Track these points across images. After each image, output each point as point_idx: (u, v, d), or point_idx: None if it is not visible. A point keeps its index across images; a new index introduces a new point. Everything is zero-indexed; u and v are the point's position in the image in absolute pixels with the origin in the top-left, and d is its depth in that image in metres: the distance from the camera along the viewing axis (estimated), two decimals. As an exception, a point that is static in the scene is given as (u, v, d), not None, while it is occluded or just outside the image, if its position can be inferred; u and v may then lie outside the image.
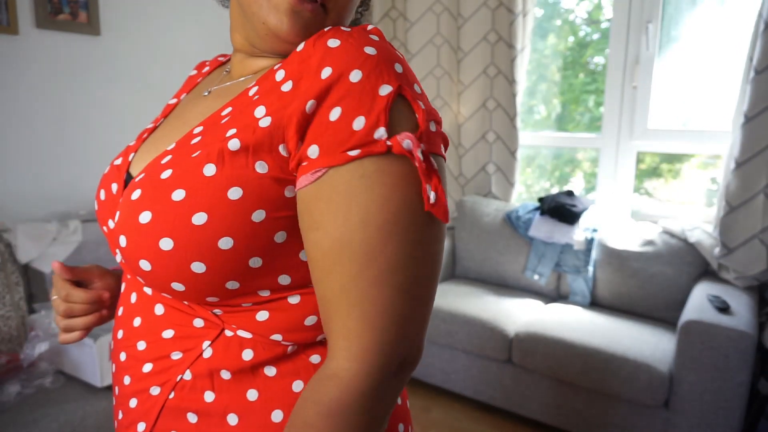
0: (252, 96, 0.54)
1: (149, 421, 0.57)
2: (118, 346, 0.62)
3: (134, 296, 0.60)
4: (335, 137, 0.47)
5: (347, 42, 0.49)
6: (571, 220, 2.44)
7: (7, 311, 1.79)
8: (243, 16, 0.58)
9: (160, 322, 0.57)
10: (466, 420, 2.30)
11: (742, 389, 1.74)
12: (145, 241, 0.50)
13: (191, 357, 0.55)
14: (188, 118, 0.62)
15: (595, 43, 2.71)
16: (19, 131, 2.04)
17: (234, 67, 0.63)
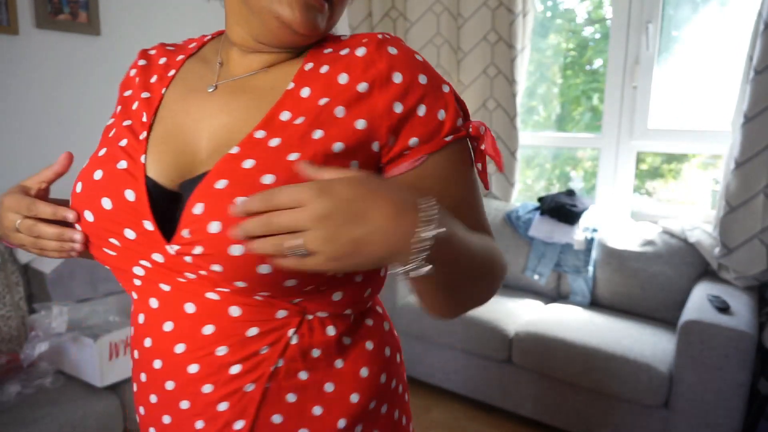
0: (312, 98, 0.58)
1: (249, 416, 0.59)
2: (176, 363, 0.59)
3: (191, 306, 0.58)
4: (428, 129, 0.58)
5: (401, 50, 0.59)
6: (571, 220, 2.44)
7: (7, 311, 1.79)
8: (248, 11, 0.60)
9: (239, 323, 0.57)
10: (466, 420, 2.30)
11: (742, 389, 1.74)
12: (218, 248, 0.53)
13: (280, 347, 0.59)
14: (200, 114, 0.62)
15: (596, 43, 2.71)
16: (19, 131, 2.04)
17: (233, 61, 0.65)
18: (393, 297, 2.48)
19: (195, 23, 2.50)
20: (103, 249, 0.61)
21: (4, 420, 1.47)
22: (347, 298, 0.62)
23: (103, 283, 2.03)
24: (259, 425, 0.59)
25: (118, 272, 0.63)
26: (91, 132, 2.20)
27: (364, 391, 0.64)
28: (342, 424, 0.62)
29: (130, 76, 0.70)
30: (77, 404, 1.57)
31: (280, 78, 0.62)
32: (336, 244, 0.46)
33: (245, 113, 0.60)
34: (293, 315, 0.59)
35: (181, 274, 0.57)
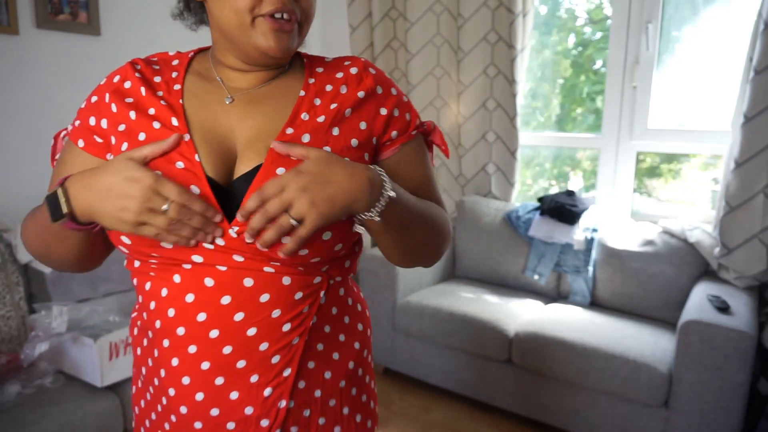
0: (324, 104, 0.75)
1: (294, 364, 0.73)
2: (235, 330, 0.69)
3: (249, 281, 0.70)
4: (402, 125, 0.80)
5: (377, 71, 0.81)
6: (571, 220, 2.44)
7: (7, 311, 1.79)
8: (230, 43, 0.74)
9: (289, 289, 0.72)
10: (466, 420, 2.30)
11: (742, 389, 1.74)
12: None
13: (315, 306, 0.75)
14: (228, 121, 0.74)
15: (596, 43, 2.71)
16: (19, 131, 2.04)
17: (233, 79, 0.77)
18: (393, 297, 2.48)
19: (195, 23, 2.50)
20: (160, 244, 0.67)
21: (4, 420, 1.47)
22: (351, 265, 0.81)
23: (103, 283, 2.03)
24: (301, 371, 0.74)
25: (166, 263, 0.70)
26: (91, 132, 2.20)
27: (361, 340, 0.83)
28: (351, 365, 0.81)
29: (124, 87, 0.76)
30: (77, 404, 1.57)
31: (287, 88, 0.77)
32: (317, 204, 0.64)
33: (268, 116, 0.74)
34: (324, 280, 0.76)
35: (240, 253, 0.69)
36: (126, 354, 1.68)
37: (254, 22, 0.69)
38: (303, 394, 0.75)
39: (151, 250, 0.69)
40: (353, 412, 0.81)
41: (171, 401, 0.73)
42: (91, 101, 0.79)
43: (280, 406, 0.73)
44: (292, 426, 0.75)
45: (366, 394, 0.85)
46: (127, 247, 0.71)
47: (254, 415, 0.72)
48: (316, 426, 0.77)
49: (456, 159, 2.90)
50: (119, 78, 0.78)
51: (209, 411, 0.71)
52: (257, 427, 0.72)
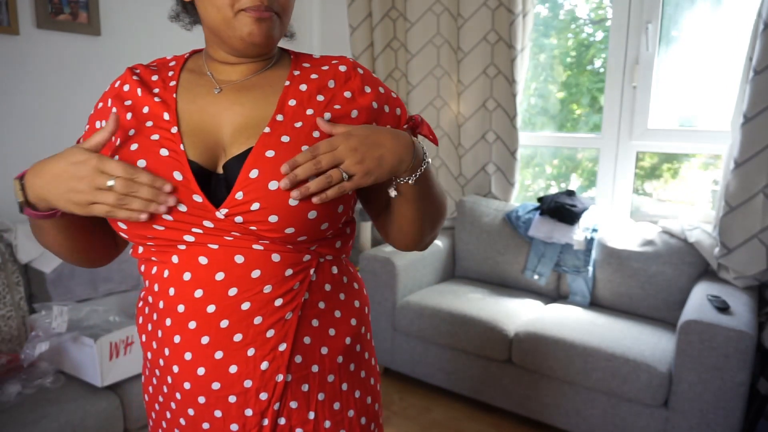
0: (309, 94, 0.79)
1: (289, 339, 0.77)
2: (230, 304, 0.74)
3: (240, 257, 0.74)
4: (393, 120, 0.84)
5: (364, 70, 0.84)
6: (571, 220, 2.44)
7: (7, 311, 1.79)
8: (218, 38, 0.79)
9: (279, 266, 0.75)
10: (466, 420, 2.30)
11: (742, 389, 1.74)
12: (276, 202, 0.70)
13: (306, 282, 0.78)
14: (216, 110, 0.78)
15: (596, 43, 2.71)
16: (19, 131, 2.04)
17: (222, 72, 0.82)
18: (393, 297, 2.48)
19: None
20: (152, 226, 0.72)
21: (4, 420, 1.47)
22: (342, 246, 0.84)
23: (103, 283, 2.03)
24: (296, 346, 0.78)
25: (162, 244, 0.75)
26: (92, 132, 2.20)
27: (358, 316, 0.86)
28: (348, 341, 0.84)
29: (124, 91, 0.82)
30: (77, 404, 1.57)
31: (274, 79, 0.81)
32: (365, 163, 0.71)
33: (256, 104, 0.78)
34: (313, 258, 0.79)
35: (229, 233, 0.73)
36: (126, 354, 1.69)
37: (236, 16, 0.74)
38: (300, 369, 0.78)
39: (146, 232, 0.73)
40: (352, 387, 0.85)
41: (175, 378, 0.77)
42: (97, 107, 0.85)
43: (277, 380, 0.76)
44: (291, 400, 0.78)
45: (365, 370, 0.88)
46: (125, 232, 0.75)
47: (253, 388, 0.76)
48: (315, 401, 0.80)
49: (456, 159, 2.90)
50: (119, 83, 0.83)
51: (210, 385, 0.75)
52: (257, 400, 0.76)
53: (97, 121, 0.83)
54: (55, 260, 1.90)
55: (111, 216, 0.68)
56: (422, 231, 0.86)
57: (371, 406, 0.88)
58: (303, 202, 0.71)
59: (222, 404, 0.76)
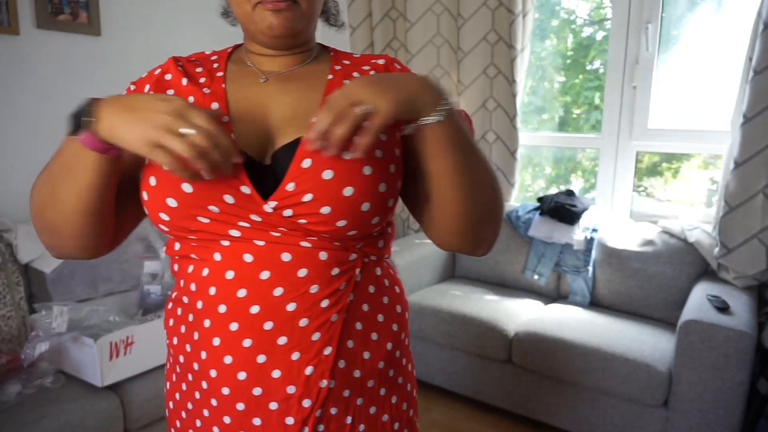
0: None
1: (334, 343, 0.73)
2: (274, 305, 0.70)
3: (287, 255, 0.71)
4: None
5: (401, 65, 0.83)
6: (571, 220, 2.44)
7: (7, 311, 1.79)
8: (246, 31, 0.79)
9: (326, 264, 0.72)
10: (466, 420, 2.30)
11: (742, 389, 1.74)
12: (329, 192, 0.68)
13: (352, 284, 0.75)
14: (262, 99, 0.77)
15: (596, 43, 2.71)
16: (19, 131, 2.04)
17: (263, 63, 0.81)
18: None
19: (194, 23, 2.50)
20: (197, 218, 0.70)
21: (4, 420, 1.47)
22: (384, 246, 0.81)
23: (103, 283, 2.03)
24: (340, 350, 0.74)
25: (205, 239, 0.72)
26: (92, 132, 2.19)
27: (399, 321, 0.83)
28: (389, 347, 0.80)
29: (165, 79, 0.79)
30: (77, 404, 1.57)
31: (316, 72, 0.80)
32: (386, 93, 0.63)
33: (302, 94, 0.77)
34: (359, 257, 0.76)
35: (276, 228, 0.70)
36: (126, 354, 1.69)
37: (255, 10, 0.73)
38: (343, 374, 0.75)
39: (189, 224, 0.70)
40: (389, 393, 0.81)
41: (212, 383, 0.73)
42: (130, 90, 0.80)
43: (321, 386, 0.73)
44: (332, 407, 0.75)
45: (403, 376, 0.84)
46: (167, 224, 0.71)
47: (296, 395, 0.72)
48: (354, 406, 0.77)
49: (456, 159, 2.89)
50: (160, 71, 0.80)
51: (251, 390, 0.72)
52: (299, 407, 0.72)
53: (167, 90, 0.79)
54: (55, 260, 1.90)
55: (170, 168, 0.61)
56: (469, 212, 0.74)
57: (406, 411, 0.85)
58: (357, 193, 0.68)
59: (262, 411, 0.72)
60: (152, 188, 0.70)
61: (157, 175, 0.70)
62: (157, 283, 2.04)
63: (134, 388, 1.69)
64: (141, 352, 1.70)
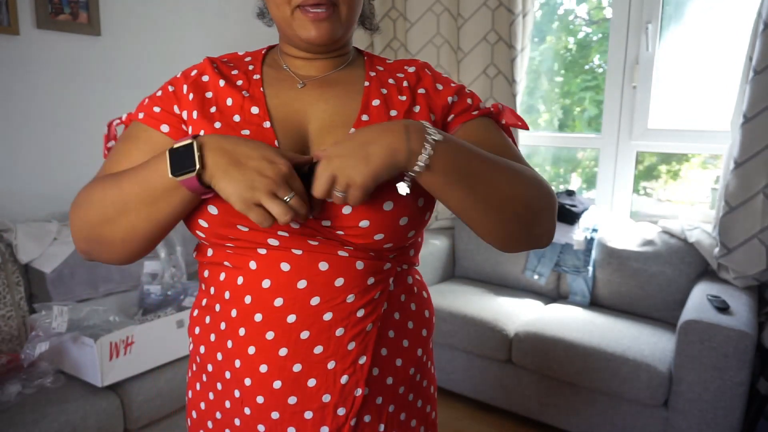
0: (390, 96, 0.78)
1: (369, 352, 0.73)
2: (311, 314, 0.70)
3: (324, 264, 0.71)
4: (462, 107, 0.80)
5: (432, 70, 0.83)
6: (571, 220, 2.44)
7: (7, 311, 1.79)
8: (284, 34, 0.78)
9: (362, 274, 0.72)
10: (466, 420, 2.30)
11: (742, 389, 1.74)
12: (369, 206, 0.68)
13: (386, 293, 0.76)
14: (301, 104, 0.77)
15: (596, 43, 2.71)
16: (19, 131, 2.04)
17: (300, 67, 0.81)
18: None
19: (195, 23, 2.50)
20: (237, 227, 0.69)
21: (4, 420, 1.47)
22: (415, 254, 0.83)
23: (103, 283, 2.03)
24: (375, 358, 0.74)
25: (242, 247, 0.71)
26: (92, 132, 2.20)
27: (428, 327, 0.84)
28: (419, 353, 0.81)
29: (203, 81, 0.78)
30: (77, 404, 1.57)
31: (353, 77, 0.80)
32: (356, 167, 0.61)
33: (340, 100, 0.77)
34: (393, 267, 0.77)
35: (314, 237, 0.70)
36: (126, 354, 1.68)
37: (294, 14, 0.73)
38: (377, 382, 0.75)
39: (229, 231, 0.69)
40: (416, 398, 0.82)
41: (246, 392, 0.73)
42: (168, 90, 0.78)
43: (356, 394, 0.73)
44: (365, 415, 0.75)
45: (427, 379, 0.86)
46: (205, 230, 0.70)
47: (331, 403, 0.72)
48: (386, 413, 0.77)
49: (456, 159, 2.90)
50: (197, 72, 0.79)
51: (287, 399, 0.71)
52: (334, 415, 0.73)
53: (174, 105, 0.76)
54: (55, 260, 1.90)
55: (259, 223, 0.62)
56: (506, 219, 0.70)
57: (429, 414, 0.86)
58: (396, 207, 0.69)
59: (297, 420, 0.72)
60: None
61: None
62: (157, 283, 2.04)
63: (134, 388, 1.69)
64: (141, 352, 1.70)
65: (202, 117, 0.74)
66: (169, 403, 1.75)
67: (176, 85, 0.78)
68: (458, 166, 0.65)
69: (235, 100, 0.75)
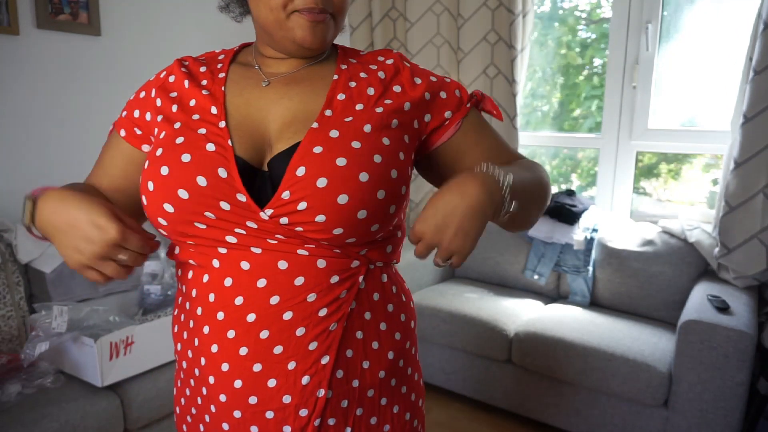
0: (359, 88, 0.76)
1: (332, 352, 0.72)
2: (271, 313, 0.70)
3: (284, 263, 0.70)
4: (453, 103, 0.81)
5: (411, 63, 0.82)
6: (571, 220, 2.44)
7: (7, 311, 1.79)
8: (270, 37, 0.76)
9: (325, 272, 0.71)
10: (466, 420, 2.30)
11: (742, 389, 1.74)
12: (324, 200, 0.66)
13: (354, 291, 0.74)
14: (262, 103, 0.75)
15: (596, 43, 2.71)
16: (19, 131, 2.04)
17: (271, 65, 0.80)
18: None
19: (195, 23, 2.50)
20: (194, 224, 0.69)
21: (4, 420, 1.47)
22: (393, 251, 0.80)
23: (103, 283, 2.02)
24: (339, 359, 0.73)
25: (203, 245, 0.72)
26: (92, 132, 2.20)
27: (403, 331, 0.81)
28: (391, 356, 0.79)
29: (169, 82, 0.80)
30: (77, 404, 1.57)
31: (322, 72, 0.79)
32: (461, 234, 0.66)
33: (304, 97, 0.75)
34: (362, 264, 0.74)
35: (272, 236, 0.69)
36: (126, 354, 1.68)
37: (289, 17, 0.72)
38: (341, 384, 0.74)
39: (187, 229, 0.70)
40: (391, 402, 0.80)
41: (210, 390, 0.74)
42: (140, 96, 0.82)
43: (318, 395, 0.72)
44: (329, 417, 0.74)
45: (407, 386, 0.83)
46: (165, 228, 0.71)
47: (292, 404, 0.72)
48: (353, 417, 0.76)
49: (456, 159, 2.89)
50: (165, 74, 0.81)
51: (247, 399, 0.72)
52: (296, 416, 0.72)
53: (137, 109, 0.81)
54: (56, 260, 1.90)
55: (99, 283, 0.68)
56: (529, 222, 0.83)
57: (410, 422, 0.83)
58: (352, 201, 0.67)
59: (259, 420, 0.72)
60: (151, 193, 0.70)
61: (155, 181, 0.70)
62: (157, 283, 2.04)
63: (134, 388, 1.69)
64: (141, 352, 1.70)
65: (165, 120, 0.75)
66: (169, 403, 1.75)
67: (147, 90, 0.81)
68: (522, 197, 0.72)
69: (198, 100, 0.76)
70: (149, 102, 0.79)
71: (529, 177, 0.77)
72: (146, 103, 0.80)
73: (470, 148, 0.83)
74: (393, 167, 0.71)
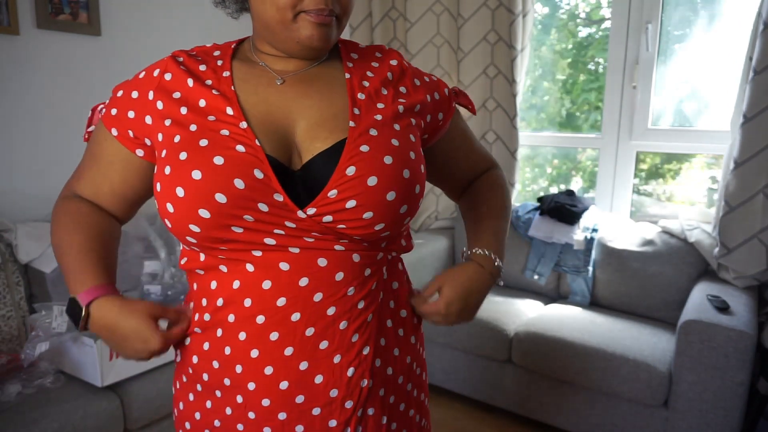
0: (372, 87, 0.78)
1: (371, 342, 0.75)
2: (315, 310, 0.71)
3: (323, 260, 0.71)
4: (445, 105, 0.87)
5: (410, 65, 0.85)
6: (571, 220, 2.44)
7: (7, 311, 1.79)
8: (272, 35, 0.75)
9: (360, 266, 0.74)
10: (466, 420, 2.30)
11: (742, 389, 1.74)
12: (374, 198, 0.69)
13: (381, 282, 0.77)
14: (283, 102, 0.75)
15: (596, 43, 2.71)
16: (19, 131, 2.04)
17: (275, 63, 0.78)
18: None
19: (195, 23, 2.50)
20: (231, 228, 0.68)
21: (4, 420, 1.47)
22: (407, 242, 0.84)
23: (103, 283, 2.02)
24: (377, 348, 0.76)
25: (237, 250, 0.70)
26: (92, 132, 2.19)
27: (417, 316, 0.86)
28: (413, 340, 0.84)
29: (166, 80, 0.75)
30: (77, 404, 1.57)
31: (330, 71, 0.79)
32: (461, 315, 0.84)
33: (325, 95, 0.76)
34: (384, 256, 0.78)
35: (309, 234, 0.70)
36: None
37: (296, 18, 0.71)
38: (379, 374, 0.76)
39: (223, 234, 0.69)
40: (413, 387, 0.84)
41: (250, 397, 0.72)
42: (131, 96, 0.78)
43: (362, 386, 0.74)
44: (369, 407, 0.76)
45: (420, 367, 0.87)
46: (197, 235, 0.69)
47: (339, 397, 0.73)
48: (388, 405, 0.78)
49: (456, 159, 2.89)
50: (159, 71, 0.77)
51: (294, 399, 0.72)
52: (342, 409, 0.73)
53: (131, 111, 0.76)
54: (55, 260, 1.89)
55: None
56: None
57: (423, 401, 0.88)
58: (398, 197, 0.71)
59: (305, 418, 0.72)
60: (181, 200, 0.67)
61: (186, 186, 0.67)
62: (157, 283, 2.04)
63: (134, 388, 1.69)
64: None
65: (175, 123, 0.72)
66: (169, 403, 1.75)
67: (140, 91, 0.77)
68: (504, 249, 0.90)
69: (209, 101, 0.73)
70: (147, 104, 0.75)
71: (504, 224, 0.91)
72: (143, 106, 0.75)
73: (455, 150, 0.91)
74: (421, 163, 0.76)
